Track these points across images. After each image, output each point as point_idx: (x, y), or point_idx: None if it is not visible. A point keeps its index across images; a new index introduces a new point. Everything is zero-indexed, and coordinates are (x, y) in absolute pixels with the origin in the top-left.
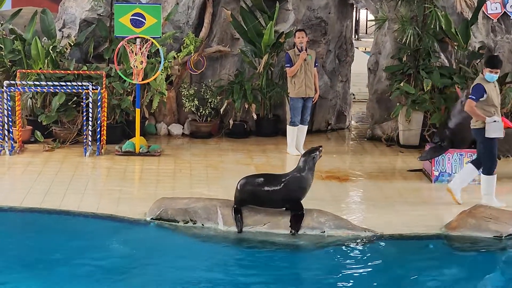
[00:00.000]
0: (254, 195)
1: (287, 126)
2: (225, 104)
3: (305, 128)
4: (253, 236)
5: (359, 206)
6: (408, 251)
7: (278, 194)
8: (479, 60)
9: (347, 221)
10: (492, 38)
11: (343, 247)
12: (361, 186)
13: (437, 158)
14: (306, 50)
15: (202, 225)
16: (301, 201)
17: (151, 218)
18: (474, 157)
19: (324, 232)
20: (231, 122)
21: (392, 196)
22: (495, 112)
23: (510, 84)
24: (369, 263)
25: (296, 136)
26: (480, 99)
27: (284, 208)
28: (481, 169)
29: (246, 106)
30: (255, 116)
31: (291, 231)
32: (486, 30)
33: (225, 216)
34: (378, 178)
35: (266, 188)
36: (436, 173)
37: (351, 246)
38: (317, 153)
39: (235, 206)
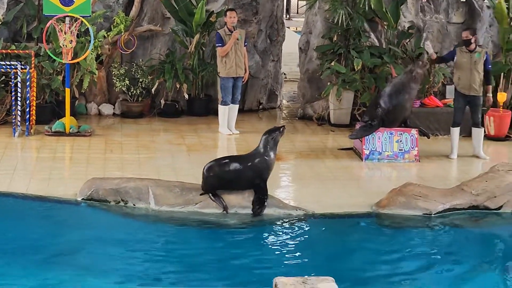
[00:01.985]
0: (221, 178)
1: (219, 105)
2: (157, 84)
3: (236, 107)
4: (185, 215)
5: (290, 185)
6: (339, 229)
7: (245, 175)
8: (408, 40)
9: (278, 200)
10: (422, 17)
11: (274, 225)
12: (292, 165)
13: (367, 136)
14: (235, 29)
15: (134, 205)
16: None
17: (82, 199)
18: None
19: None
20: (162, 101)
21: (323, 174)
22: None
23: (440, 64)
24: (300, 241)
25: (227, 115)
26: None
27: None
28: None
29: (178, 85)
30: (186, 96)
31: (252, 213)
32: (415, 10)
33: (156, 196)
34: (309, 157)
35: (232, 170)
36: (367, 152)
37: (282, 224)
38: (278, 133)
39: (209, 193)
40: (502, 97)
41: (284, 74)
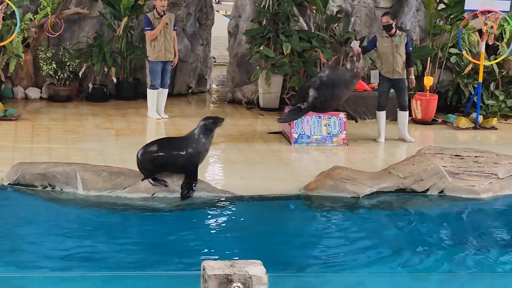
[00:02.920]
0: (154, 162)
1: (148, 89)
2: (84, 68)
3: (165, 91)
4: (113, 199)
5: (219, 168)
6: (268, 212)
7: (177, 160)
8: (337, 24)
9: (207, 184)
10: (350, 2)
11: (203, 209)
12: (221, 149)
13: (296, 120)
14: (164, 13)
15: (61, 189)
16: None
17: (9, 183)
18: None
19: None
20: (90, 85)
21: (252, 158)
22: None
23: None
24: (229, 225)
25: (156, 99)
26: None
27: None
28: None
29: (106, 69)
30: (115, 80)
31: (181, 197)
32: None
33: (84, 181)
34: (239, 141)
35: (165, 154)
36: (295, 135)
37: (211, 208)
38: (216, 123)
39: (148, 178)
40: (428, 81)
41: (214, 58)
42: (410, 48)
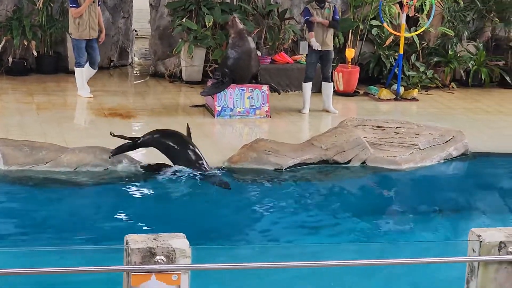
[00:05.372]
0: None
1: (75, 68)
2: (4, 41)
3: (93, 72)
4: (35, 174)
5: None
6: (191, 185)
7: None
8: None
9: (130, 157)
10: None
11: (126, 183)
12: (144, 123)
13: (219, 93)
14: None
15: None
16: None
17: None
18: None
19: (108, 168)
20: (10, 59)
21: None
22: None
23: (289, 21)
24: (152, 198)
25: (84, 77)
26: None
27: None
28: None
29: (26, 43)
30: (35, 53)
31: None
32: None
33: (5, 156)
34: (162, 114)
35: None
36: (219, 108)
37: (135, 182)
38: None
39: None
40: (350, 53)
41: (135, 31)
42: (337, 16)
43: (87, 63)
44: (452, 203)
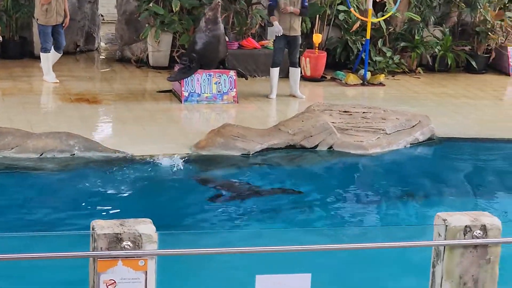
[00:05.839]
0: None
1: (40, 53)
2: None
3: (58, 56)
4: (1, 160)
5: (109, 128)
6: (158, 171)
7: None
8: None
9: (97, 143)
10: None
11: (92, 169)
12: (111, 108)
13: (186, 79)
14: None
15: None
16: None
17: None
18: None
19: (74, 154)
20: None
21: (142, 117)
22: None
23: (256, 6)
24: (119, 184)
25: (51, 62)
26: None
27: None
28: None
29: None
30: (0, 38)
31: None
32: None
33: None
34: (128, 100)
35: None
36: (186, 94)
37: (101, 168)
38: None
39: None
40: (317, 38)
41: (102, 15)
42: (306, 3)
43: (53, 47)
44: (418, 188)
